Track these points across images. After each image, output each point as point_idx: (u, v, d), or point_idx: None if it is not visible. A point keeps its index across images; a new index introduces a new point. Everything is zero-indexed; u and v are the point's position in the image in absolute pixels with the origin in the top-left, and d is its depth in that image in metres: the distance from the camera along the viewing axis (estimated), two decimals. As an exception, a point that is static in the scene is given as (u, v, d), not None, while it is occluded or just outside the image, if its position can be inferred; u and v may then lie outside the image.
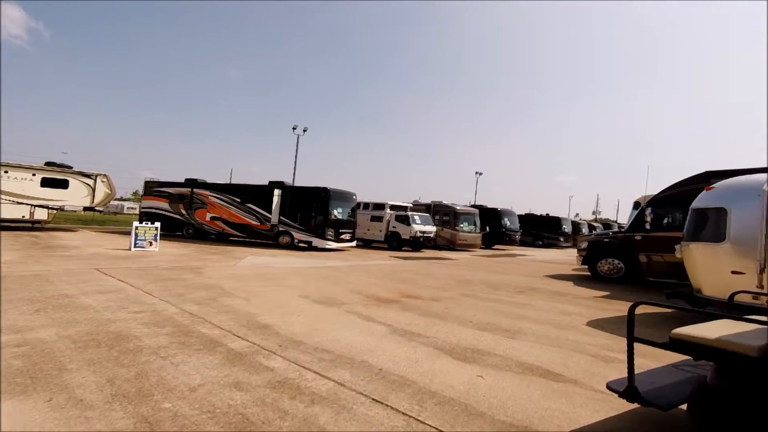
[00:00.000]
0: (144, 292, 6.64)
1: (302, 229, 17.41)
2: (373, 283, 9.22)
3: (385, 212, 21.11)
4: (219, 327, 4.87)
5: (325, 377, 3.52)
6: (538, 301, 8.00)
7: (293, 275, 9.72)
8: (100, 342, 4.10)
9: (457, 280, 10.54)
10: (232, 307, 5.93)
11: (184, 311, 5.55)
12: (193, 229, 19.53)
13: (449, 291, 8.63)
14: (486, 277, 11.32)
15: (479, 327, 5.59)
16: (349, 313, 5.99)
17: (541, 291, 9.35)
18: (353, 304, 6.67)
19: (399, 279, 10.08)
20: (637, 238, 11.13)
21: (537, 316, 6.56)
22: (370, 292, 7.98)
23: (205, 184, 19.73)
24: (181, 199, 19.85)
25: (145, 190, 20.97)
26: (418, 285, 9.25)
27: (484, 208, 27.09)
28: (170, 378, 3.32)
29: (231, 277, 8.79)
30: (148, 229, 13.56)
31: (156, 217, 20.20)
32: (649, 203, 10.84)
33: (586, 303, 8.03)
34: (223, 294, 6.90)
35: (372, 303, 6.89)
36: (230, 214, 18.55)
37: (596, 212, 72.31)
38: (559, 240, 32.54)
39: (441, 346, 4.59)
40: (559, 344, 4.95)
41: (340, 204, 18.08)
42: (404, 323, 5.58)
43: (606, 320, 6.48)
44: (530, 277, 11.95)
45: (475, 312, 6.58)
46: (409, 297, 7.64)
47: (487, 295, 8.32)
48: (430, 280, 10.26)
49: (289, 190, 18.11)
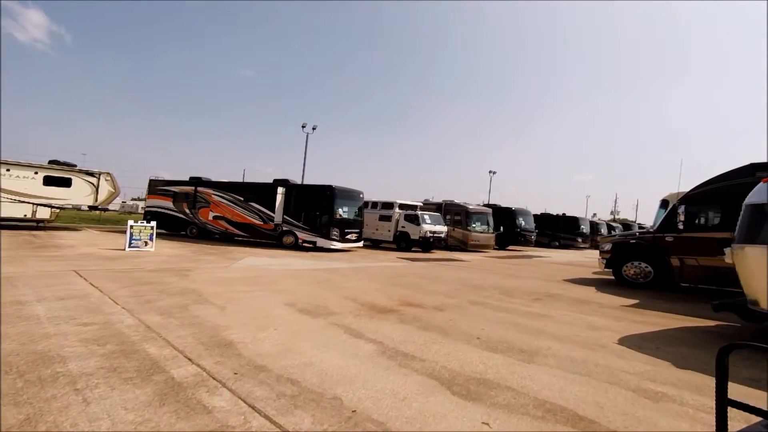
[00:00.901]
0: (109, 299, 5.86)
1: (306, 229, 16.62)
2: (372, 288, 8.31)
3: (394, 211, 20.18)
4: (172, 345, 4.03)
5: (276, 425, 2.62)
6: (558, 311, 6.97)
7: (287, 278, 8.87)
8: (12, 366, 3.29)
9: (467, 284, 9.55)
10: (201, 318, 5.10)
11: (142, 323, 4.73)
12: (196, 229, 18.93)
13: (456, 298, 7.65)
14: (499, 282, 10.29)
15: (488, 346, 4.62)
16: (335, 327, 5.09)
17: (561, 298, 8.29)
18: (343, 315, 5.76)
19: (402, 283, 9.14)
20: (668, 239, 9.96)
21: (558, 330, 5.54)
22: (367, 299, 7.07)
23: (208, 182, 19.12)
24: (185, 198, 19.28)
25: (149, 189, 20.48)
26: (423, 291, 8.30)
27: (498, 208, 25.90)
28: (67, 425, 2.47)
29: (217, 281, 7.99)
30: (144, 229, 12.92)
31: (160, 217, 19.77)
32: (682, 200, 9.65)
33: (613, 314, 6.95)
34: (198, 301, 6.08)
35: (366, 313, 5.97)
36: (233, 213, 17.87)
37: (614, 212, 69.88)
38: (577, 241, 31.12)
39: (439, 375, 3.65)
40: (588, 371, 3.95)
41: (346, 203, 17.22)
42: (398, 340, 4.65)
43: (641, 337, 5.43)
44: (548, 282, 10.86)
45: (484, 325, 5.61)
46: (409, 305, 6.70)
47: (500, 304, 7.32)
48: (436, 284, 9.29)
49: (294, 189, 17.33)
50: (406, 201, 21.00)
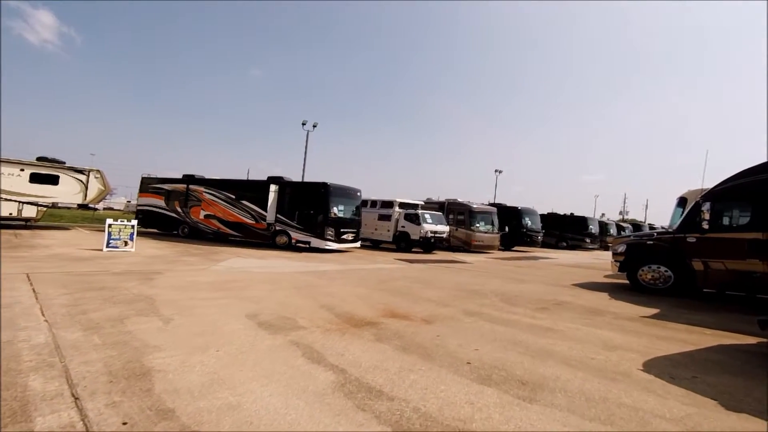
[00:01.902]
0: (38, 309, 4.97)
1: (300, 229, 15.72)
2: (357, 294, 7.35)
3: (394, 211, 19.22)
4: (67, 376, 3.10)
5: None
6: (568, 323, 5.94)
7: (263, 283, 7.95)
8: None
9: (465, 290, 8.54)
10: (131, 335, 4.17)
11: (52, 342, 3.82)
12: (188, 228, 18.13)
13: (451, 306, 6.66)
14: (501, 287, 9.26)
15: (480, 375, 3.64)
16: (293, 347, 4.13)
17: (570, 307, 7.25)
18: (310, 330, 4.81)
19: (393, 289, 8.17)
20: (691, 240, 8.86)
21: (568, 351, 4.53)
22: (346, 308, 6.11)
23: (200, 180, 18.30)
24: (177, 196, 18.49)
25: (141, 187, 19.73)
26: (414, 297, 7.32)
27: (503, 207, 24.80)
28: None
29: (182, 286, 7.09)
30: (124, 228, 12.10)
31: (152, 216, 19.07)
32: (707, 197, 8.55)
33: (632, 327, 5.91)
34: (143, 311, 5.17)
35: (338, 327, 5.01)
36: (224, 212, 17.03)
37: (623, 212, 68.15)
38: (585, 241, 29.90)
39: (407, 424, 2.67)
40: (610, 416, 2.94)
41: (342, 201, 16.29)
42: (366, 367, 3.68)
43: (671, 361, 4.39)
44: (555, 287, 9.81)
45: (478, 343, 4.62)
46: (393, 317, 5.73)
47: (499, 314, 6.31)
48: (431, 290, 8.30)
49: (288, 186, 16.44)
50: (406, 200, 20.01)
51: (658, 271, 9.25)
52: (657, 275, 9.26)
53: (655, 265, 9.32)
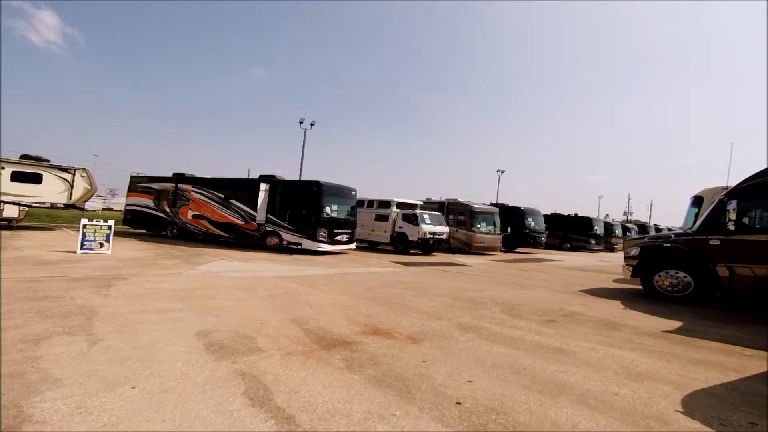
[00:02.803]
0: (-55, 326, 4.12)
1: (292, 230, 14.85)
2: (339, 303, 6.47)
3: (391, 211, 18.34)
4: None
5: None
6: (580, 340, 5.03)
7: (237, 290, 7.08)
8: None
9: (463, 297, 7.64)
10: (37, 363, 3.30)
11: None
12: (177, 229, 17.30)
13: (443, 320, 5.76)
14: (502, 294, 8.35)
15: (473, 424, 2.73)
16: (237, 380, 3.25)
17: (581, 319, 6.33)
18: (268, 353, 3.92)
19: (381, 296, 7.27)
20: (714, 242, 7.91)
21: (584, 382, 3.62)
22: (321, 322, 5.23)
23: (190, 178, 17.47)
24: (166, 195, 17.67)
25: (130, 186, 18.91)
26: (404, 308, 6.42)
27: (505, 207, 23.83)
28: None
29: (141, 295, 6.23)
30: (99, 228, 11.27)
31: (141, 216, 18.31)
32: (733, 194, 7.61)
33: (657, 345, 4.98)
34: (73, 329, 4.30)
35: (304, 349, 4.12)
36: (213, 211, 16.19)
37: (627, 213, 66.88)
38: (590, 242, 28.83)
39: None
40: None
41: (336, 201, 15.42)
42: (324, 412, 2.79)
43: (715, 396, 3.47)
44: (562, 294, 8.88)
45: (472, 372, 3.71)
46: (375, 333, 4.84)
47: (500, 329, 5.40)
48: (424, 298, 7.40)
49: (279, 185, 15.57)
50: (404, 199, 19.11)
51: (677, 277, 8.29)
52: (675, 281, 8.30)
53: (672, 271, 8.37)
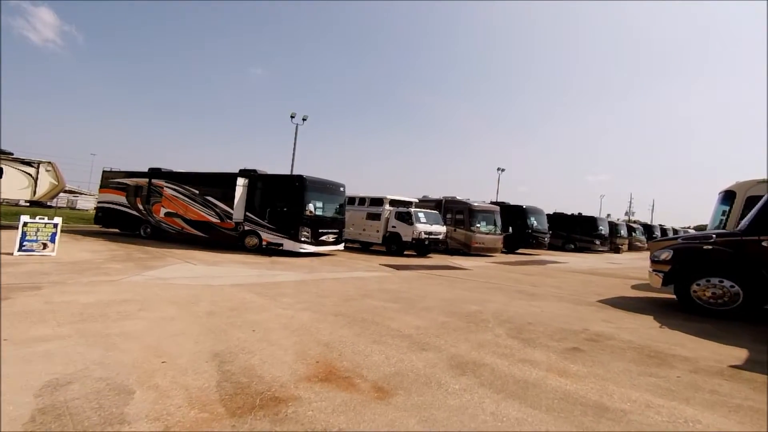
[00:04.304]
0: None
1: (272, 229, 13.27)
2: (296, 325, 4.88)
3: (384, 209, 16.75)
4: None
5: None
6: (625, 386, 3.42)
7: (171, 304, 5.49)
8: None
9: (459, 312, 6.05)
10: None
11: None
12: (151, 228, 15.71)
13: (431, 350, 4.17)
14: (507, 307, 6.75)
15: None
16: None
17: (615, 346, 4.72)
18: (134, 426, 2.34)
19: (355, 314, 5.68)
20: (766, 244, 6.34)
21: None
22: (255, 359, 3.63)
23: (164, 173, 15.87)
24: (139, 191, 16.08)
25: (102, 182, 17.31)
26: (379, 332, 4.83)
27: (507, 206, 22.24)
28: None
29: (40, 312, 4.64)
30: (43, 227, 9.70)
31: (112, 214, 16.77)
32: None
33: (737, 394, 3.37)
34: None
35: (197, 419, 2.53)
36: (186, 208, 14.60)
37: (629, 213, 65.21)
38: (595, 243, 27.25)
39: None
40: None
41: (321, 197, 13.85)
42: None
43: None
44: (578, 306, 7.29)
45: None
46: (326, 380, 3.25)
47: (509, 366, 3.81)
48: (410, 314, 5.81)
49: (259, 180, 13.97)
50: (398, 196, 17.51)
51: (721, 286, 6.70)
52: (720, 292, 6.70)
53: (716, 279, 6.76)
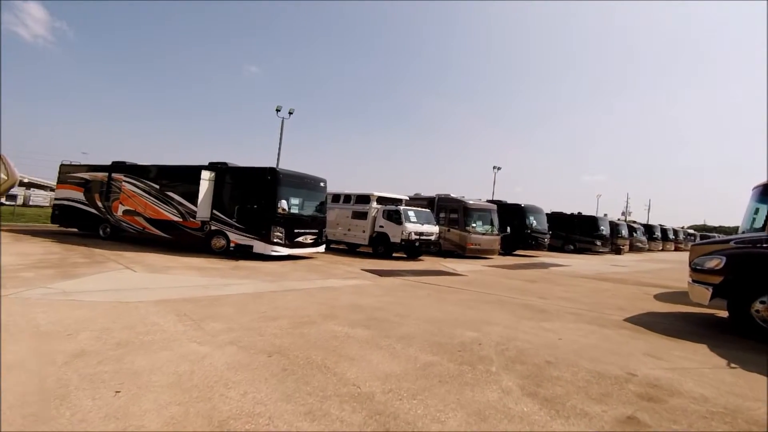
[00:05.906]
0: None
1: (241, 228, 11.53)
2: (198, 383, 3.15)
3: (371, 207, 15.03)
4: None
5: None
6: None
7: (19, 342, 3.76)
8: None
9: (448, 346, 4.34)
10: None
11: None
12: (111, 228, 13.88)
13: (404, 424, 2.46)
14: (514, 333, 5.05)
15: None
16: None
17: (682, 408, 3.03)
18: None
19: (300, 352, 3.96)
20: None
21: None
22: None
23: (126, 167, 14.03)
24: (98, 187, 14.26)
25: (60, 177, 15.46)
26: (325, 390, 3.11)
27: (504, 204, 20.58)
28: None
29: None
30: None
31: (70, 211, 14.91)
32: None
33: None
34: None
35: None
36: (146, 206, 12.80)
37: (626, 213, 63.78)
38: (595, 244, 25.61)
39: None
40: None
41: (297, 193, 12.12)
42: None
43: None
44: (605, 329, 5.60)
45: None
46: None
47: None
48: (380, 350, 4.10)
49: (226, 174, 12.20)
50: (386, 193, 15.79)
51: (795, 304, 5.05)
52: (792, 312, 5.06)
53: (786, 295, 5.12)
